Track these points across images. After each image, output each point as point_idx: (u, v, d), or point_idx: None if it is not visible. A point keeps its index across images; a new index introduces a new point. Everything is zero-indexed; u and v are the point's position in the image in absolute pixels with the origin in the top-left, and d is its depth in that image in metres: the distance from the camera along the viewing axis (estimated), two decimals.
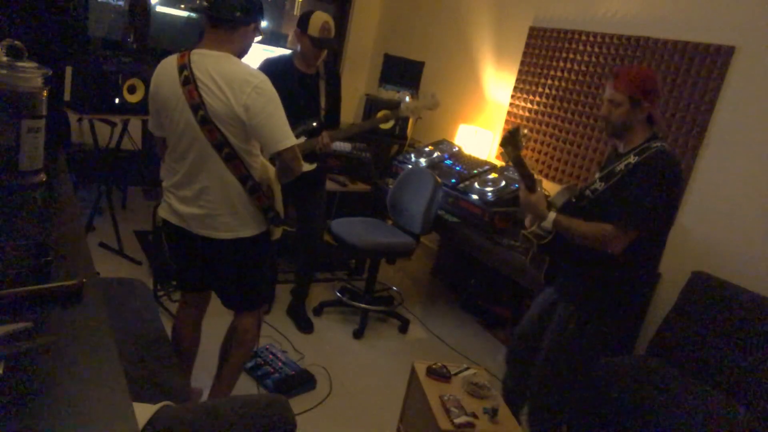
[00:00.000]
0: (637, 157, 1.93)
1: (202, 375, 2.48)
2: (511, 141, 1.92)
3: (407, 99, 3.07)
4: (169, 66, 1.90)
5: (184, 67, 1.83)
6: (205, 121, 1.81)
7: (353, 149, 4.19)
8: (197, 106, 1.80)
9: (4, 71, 1.38)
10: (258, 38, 1.98)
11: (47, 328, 0.96)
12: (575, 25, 3.61)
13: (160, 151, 2.13)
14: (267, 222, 2.05)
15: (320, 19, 2.78)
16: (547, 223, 2.01)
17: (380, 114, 3.23)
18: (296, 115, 2.89)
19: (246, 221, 1.98)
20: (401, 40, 5.20)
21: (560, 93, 3.68)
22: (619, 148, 2.05)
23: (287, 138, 1.86)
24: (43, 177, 1.54)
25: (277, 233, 2.12)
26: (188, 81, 1.81)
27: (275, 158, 1.93)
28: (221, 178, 1.89)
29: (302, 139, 2.84)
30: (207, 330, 2.34)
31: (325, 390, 2.72)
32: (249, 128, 1.83)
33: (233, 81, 1.79)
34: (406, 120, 4.57)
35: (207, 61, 1.83)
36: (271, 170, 2.02)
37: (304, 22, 2.80)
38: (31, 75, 1.43)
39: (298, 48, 2.91)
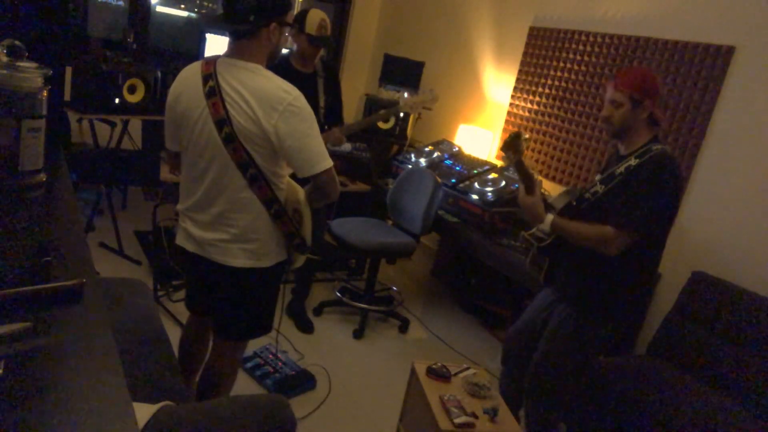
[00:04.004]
0: (637, 160, 1.93)
1: None
2: (512, 146, 1.93)
3: (405, 95, 3.07)
4: (191, 74, 1.74)
5: (209, 77, 1.67)
6: (231, 139, 1.64)
7: (353, 149, 4.19)
8: (222, 121, 1.64)
9: (4, 71, 1.38)
10: (285, 34, 1.78)
11: (47, 328, 0.96)
12: (575, 25, 3.61)
13: (172, 166, 1.99)
14: (290, 249, 1.90)
15: (317, 17, 2.77)
16: (545, 226, 2.03)
17: (380, 112, 3.23)
18: None
19: (269, 249, 1.82)
20: (401, 40, 5.20)
21: (560, 93, 3.68)
22: (621, 150, 2.06)
23: (324, 159, 1.69)
24: (43, 177, 1.54)
25: (300, 261, 1.95)
26: (213, 93, 1.65)
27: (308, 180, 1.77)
28: (244, 202, 1.73)
29: None
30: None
31: (325, 390, 2.72)
32: (280, 149, 1.67)
33: (264, 97, 1.63)
34: (406, 120, 4.57)
35: (235, 72, 1.67)
36: (300, 192, 1.85)
37: (300, 20, 2.78)
38: (31, 75, 1.43)
39: (294, 47, 2.90)
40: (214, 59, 1.73)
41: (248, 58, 1.70)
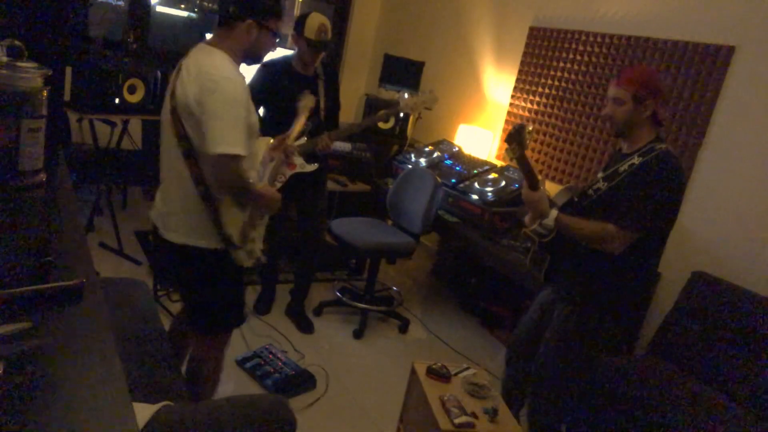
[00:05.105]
0: (640, 158, 1.93)
1: None
2: (516, 138, 1.92)
3: (405, 96, 3.07)
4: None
5: (184, 57, 1.84)
6: (173, 112, 1.77)
7: (353, 149, 4.19)
8: (172, 94, 1.78)
9: (4, 71, 1.38)
10: (269, 39, 1.86)
11: (47, 328, 0.96)
12: (575, 25, 3.61)
13: None
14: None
15: (317, 21, 2.78)
16: (549, 221, 2.01)
17: (380, 112, 3.24)
18: (296, 117, 2.89)
19: (198, 229, 1.83)
20: (401, 40, 5.20)
21: (560, 93, 3.68)
22: (624, 149, 2.06)
23: (224, 143, 1.68)
24: (43, 177, 1.54)
25: (242, 259, 1.88)
26: (178, 71, 1.80)
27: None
28: (178, 175, 1.80)
29: (303, 140, 2.84)
30: None
31: (325, 390, 2.72)
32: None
33: (198, 72, 1.72)
34: (406, 120, 4.57)
35: (198, 53, 1.80)
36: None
37: (300, 24, 2.79)
38: (31, 75, 1.43)
39: (296, 50, 2.91)
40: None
41: (218, 45, 1.80)
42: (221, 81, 1.70)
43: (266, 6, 1.83)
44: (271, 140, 2.16)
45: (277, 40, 1.92)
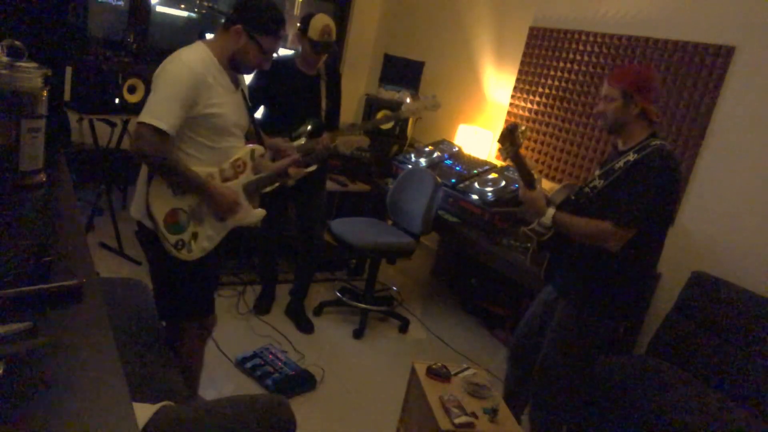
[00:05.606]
0: (636, 155, 1.94)
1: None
2: (508, 138, 1.92)
3: (408, 100, 3.07)
4: None
5: None
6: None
7: (353, 149, 4.18)
8: None
9: (4, 71, 1.38)
10: (256, 53, 1.85)
11: (47, 328, 0.96)
12: (575, 25, 3.61)
13: None
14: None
15: (321, 22, 2.77)
16: (546, 220, 2.02)
17: (380, 115, 3.24)
18: (297, 117, 2.89)
19: (139, 201, 1.90)
20: (401, 40, 5.20)
21: (560, 93, 3.68)
22: (619, 146, 2.06)
23: (148, 113, 1.73)
24: (43, 177, 1.54)
25: (170, 247, 1.86)
26: None
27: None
28: None
29: (302, 140, 2.84)
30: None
31: (325, 390, 2.72)
32: None
33: (170, 56, 1.82)
34: (406, 120, 4.57)
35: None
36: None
37: (305, 23, 2.79)
38: (31, 75, 1.43)
39: (300, 49, 2.91)
40: None
41: (209, 43, 1.87)
42: (175, 62, 1.78)
43: (261, 19, 1.84)
44: (256, 148, 2.05)
45: (267, 58, 1.90)
